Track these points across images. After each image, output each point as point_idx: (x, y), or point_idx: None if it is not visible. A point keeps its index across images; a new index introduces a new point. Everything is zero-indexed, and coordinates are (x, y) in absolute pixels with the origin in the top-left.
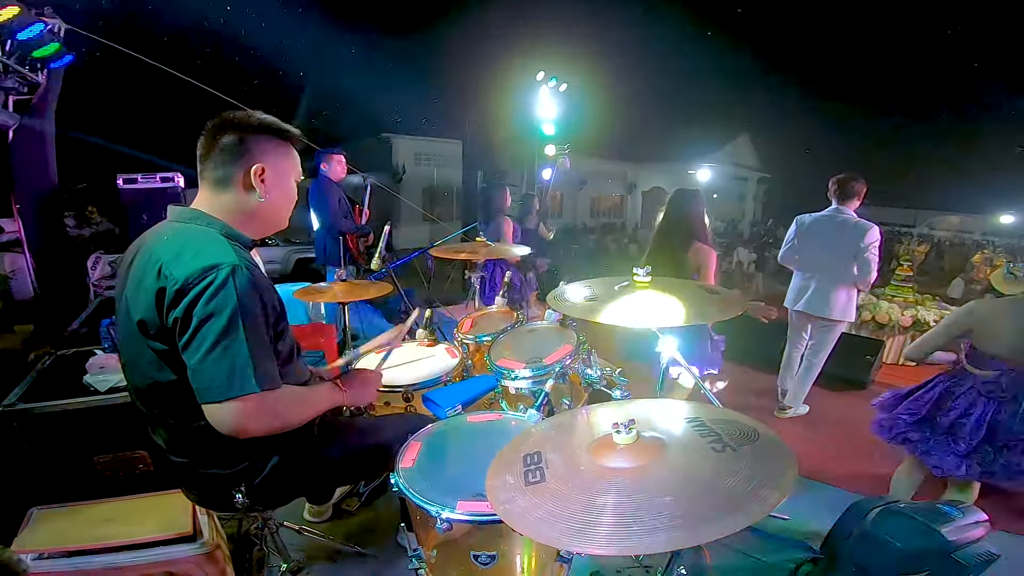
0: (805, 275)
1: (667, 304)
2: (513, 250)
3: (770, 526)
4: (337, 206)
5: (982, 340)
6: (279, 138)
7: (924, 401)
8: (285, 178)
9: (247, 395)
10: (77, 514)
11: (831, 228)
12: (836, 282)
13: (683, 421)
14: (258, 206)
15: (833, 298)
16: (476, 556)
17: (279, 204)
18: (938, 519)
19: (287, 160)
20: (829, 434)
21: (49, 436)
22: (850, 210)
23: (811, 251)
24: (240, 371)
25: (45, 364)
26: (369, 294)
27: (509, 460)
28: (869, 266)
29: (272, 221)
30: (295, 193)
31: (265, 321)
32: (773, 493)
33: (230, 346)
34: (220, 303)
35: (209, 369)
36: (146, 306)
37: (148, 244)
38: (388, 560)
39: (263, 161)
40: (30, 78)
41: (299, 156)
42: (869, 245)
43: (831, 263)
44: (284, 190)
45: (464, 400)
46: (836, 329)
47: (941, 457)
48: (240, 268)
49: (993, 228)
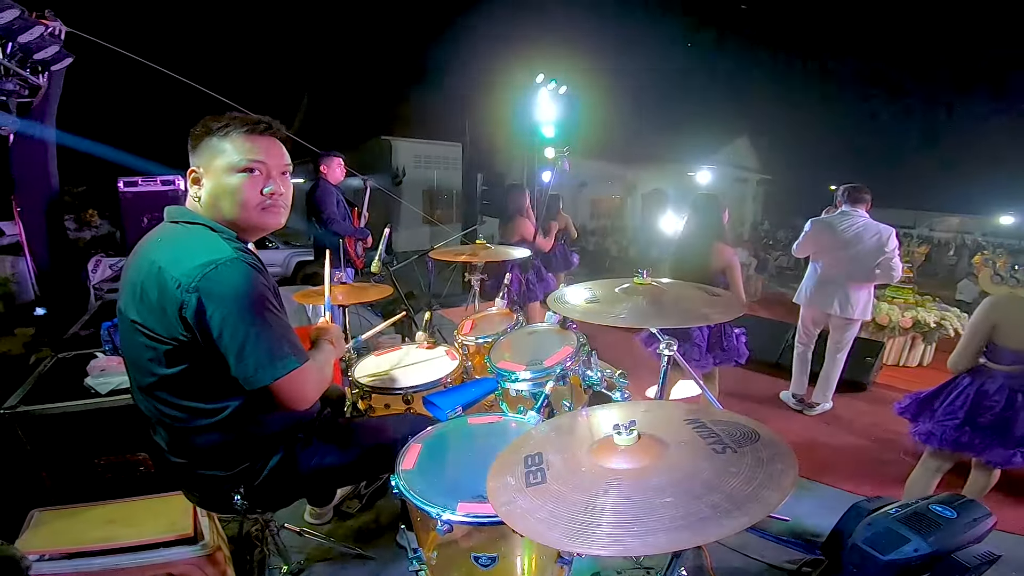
0: (822, 274)
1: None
2: (514, 252)
3: (771, 527)
4: (335, 209)
5: (1004, 335)
6: (206, 134)
7: (957, 405)
8: (214, 174)
9: (290, 372)
10: (78, 516)
11: (849, 230)
12: (857, 282)
13: (684, 422)
14: (205, 207)
15: (855, 298)
16: (477, 558)
17: (218, 201)
18: (926, 526)
19: (213, 152)
20: (830, 435)
21: (50, 438)
22: (864, 212)
23: (830, 251)
24: (277, 352)
25: (46, 367)
26: (368, 297)
27: (510, 461)
28: (895, 269)
29: (230, 219)
30: (237, 185)
31: (277, 299)
32: (774, 494)
33: (261, 332)
34: (232, 295)
35: (249, 358)
36: (150, 309)
37: (146, 246)
38: (388, 562)
39: (193, 164)
40: (31, 81)
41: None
42: (893, 249)
43: (851, 264)
44: (217, 185)
45: (464, 402)
46: (855, 327)
47: (991, 451)
48: (236, 259)
49: (993, 228)
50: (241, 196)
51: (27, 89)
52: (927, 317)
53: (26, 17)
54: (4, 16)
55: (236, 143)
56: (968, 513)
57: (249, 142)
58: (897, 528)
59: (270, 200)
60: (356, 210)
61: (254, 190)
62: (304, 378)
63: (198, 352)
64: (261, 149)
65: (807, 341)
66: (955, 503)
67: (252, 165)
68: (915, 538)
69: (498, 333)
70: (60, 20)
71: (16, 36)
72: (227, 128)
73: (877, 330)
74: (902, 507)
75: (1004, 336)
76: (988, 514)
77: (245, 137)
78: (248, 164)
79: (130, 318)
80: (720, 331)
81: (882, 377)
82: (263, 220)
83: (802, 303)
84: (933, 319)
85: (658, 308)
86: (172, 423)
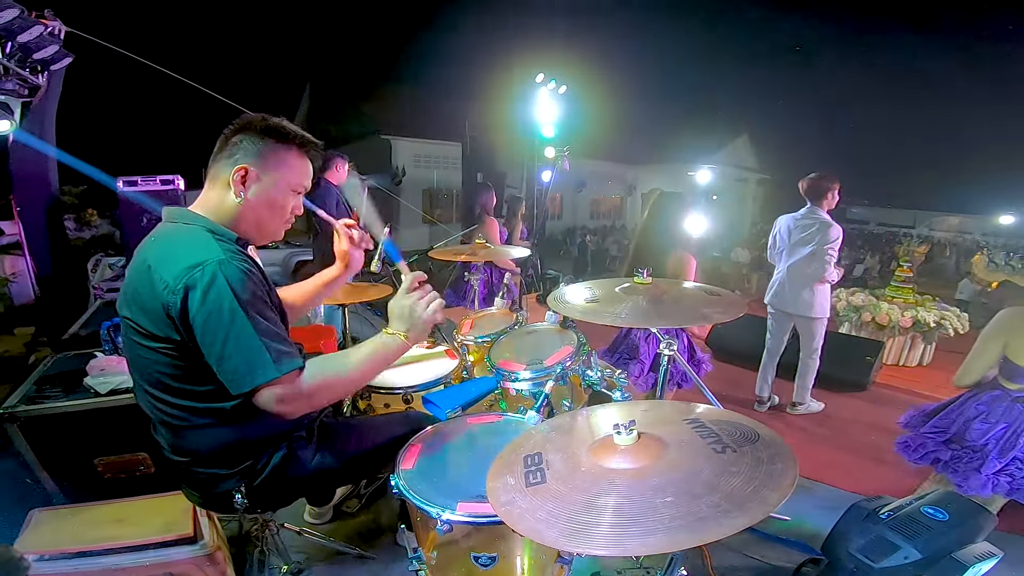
0: (781, 272)
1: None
2: (511, 252)
3: (771, 527)
4: (335, 209)
5: (1016, 352)
6: (276, 139)
7: (952, 419)
8: (272, 184)
9: (271, 382)
10: (78, 516)
11: (802, 228)
12: (809, 280)
13: (683, 422)
14: (236, 208)
15: (806, 296)
16: (476, 557)
17: (258, 208)
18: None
19: (282, 166)
20: (830, 435)
21: (50, 438)
22: (823, 211)
23: (785, 250)
24: (257, 360)
25: (46, 367)
26: (368, 296)
27: (510, 461)
28: (824, 264)
29: (253, 225)
30: (285, 201)
31: (267, 302)
32: (773, 494)
33: (240, 336)
34: (215, 299)
35: (227, 363)
36: (142, 308)
37: (143, 247)
38: (388, 561)
39: (248, 162)
40: (31, 80)
41: (309, 166)
42: (826, 246)
43: (801, 262)
44: (267, 195)
45: (464, 402)
46: (817, 324)
47: (966, 475)
48: (224, 261)
49: (993, 228)
50: (285, 214)
51: (27, 89)
52: (927, 317)
53: (25, 17)
54: (4, 15)
55: (304, 164)
56: (962, 513)
57: (308, 164)
58: (888, 536)
59: (291, 216)
60: (354, 212)
61: (293, 210)
62: (291, 386)
63: (193, 352)
64: (309, 172)
65: (773, 343)
66: (948, 504)
67: (305, 188)
68: (905, 545)
69: (498, 332)
70: (60, 20)
71: (16, 35)
72: (306, 146)
73: (877, 330)
74: (895, 510)
75: (1017, 353)
76: (982, 511)
77: (307, 158)
78: (305, 187)
79: (124, 315)
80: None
81: (882, 377)
82: (279, 233)
83: (767, 303)
84: (933, 319)
85: (658, 308)
86: (172, 422)
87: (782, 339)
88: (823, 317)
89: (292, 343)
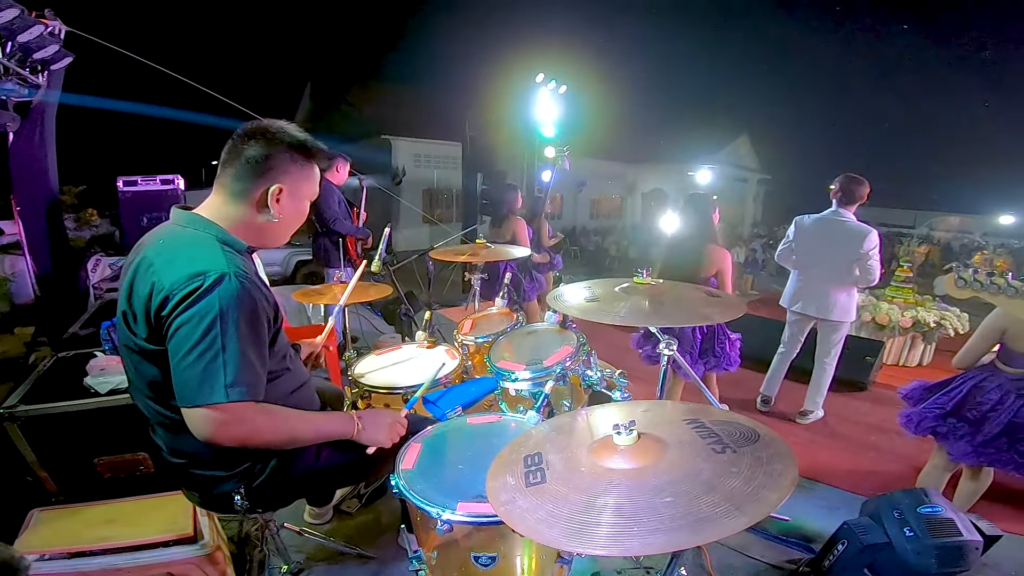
0: (804, 276)
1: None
2: (513, 251)
3: (771, 527)
4: (337, 208)
5: (1014, 339)
6: (305, 157)
7: (952, 396)
8: (300, 198)
9: (215, 404)
10: (78, 515)
11: (830, 230)
12: (836, 283)
13: (683, 422)
14: (267, 225)
15: (833, 299)
16: (476, 557)
17: (291, 224)
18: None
19: (307, 181)
20: (830, 435)
21: (50, 438)
22: (850, 213)
23: (810, 253)
24: (211, 379)
25: (45, 366)
26: (368, 296)
27: (510, 461)
28: (872, 272)
29: (277, 237)
30: (305, 210)
31: (253, 330)
32: (773, 494)
33: (204, 353)
34: (200, 310)
35: (183, 373)
36: (140, 309)
37: (146, 247)
38: (388, 562)
39: (282, 182)
40: (31, 80)
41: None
42: (870, 251)
43: (831, 265)
44: (297, 210)
45: (464, 402)
46: (841, 329)
47: (954, 443)
48: (228, 276)
49: (993, 228)
50: (301, 222)
51: (27, 88)
52: (927, 316)
53: (26, 16)
54: (4, 15)
55: (317, 173)
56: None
57: (317, 169)
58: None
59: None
60: (355, 210)
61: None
62: (226, 418)
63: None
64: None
65: (790, 345)
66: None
67: (315, 194)
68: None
69: (498, 333)
70: (60, 19)
71: (16, 35)
72: (325, 157)
73: (877, 330)
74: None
75: (1016, 341)
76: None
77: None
78: (316, 193)
79: (123, 310)
80: (713, 335)
81: (882, 377)
82: (288, 239)
83: (786, 306)
84: (933, 318)
85: (658, 308)
86: (170, 424)
87: (800, 342)
88: (850, 321)
89: (262, 375)
